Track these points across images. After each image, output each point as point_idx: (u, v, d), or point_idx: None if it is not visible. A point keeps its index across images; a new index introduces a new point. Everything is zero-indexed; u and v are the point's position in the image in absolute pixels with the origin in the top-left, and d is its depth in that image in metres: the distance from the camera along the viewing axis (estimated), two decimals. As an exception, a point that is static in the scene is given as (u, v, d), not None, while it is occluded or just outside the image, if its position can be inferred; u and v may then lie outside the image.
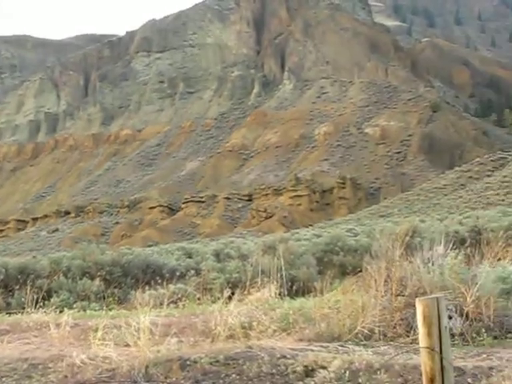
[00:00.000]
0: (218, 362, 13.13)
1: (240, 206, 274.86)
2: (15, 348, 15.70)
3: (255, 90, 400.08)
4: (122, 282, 31.77)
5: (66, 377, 13.06)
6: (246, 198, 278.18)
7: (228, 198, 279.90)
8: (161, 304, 18.71)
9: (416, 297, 10.24)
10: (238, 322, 15.28)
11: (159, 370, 12.81)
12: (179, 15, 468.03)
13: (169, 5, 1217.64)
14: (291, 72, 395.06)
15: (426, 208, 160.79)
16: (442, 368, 7.65)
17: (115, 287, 30.69)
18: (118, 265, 32.80)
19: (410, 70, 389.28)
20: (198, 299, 22.06)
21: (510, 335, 15.02)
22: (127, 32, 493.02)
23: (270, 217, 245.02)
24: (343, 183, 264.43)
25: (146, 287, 23.29)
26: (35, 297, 22.07)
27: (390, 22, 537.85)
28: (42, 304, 21.63)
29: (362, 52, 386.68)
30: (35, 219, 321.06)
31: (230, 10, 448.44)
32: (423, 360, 7.73)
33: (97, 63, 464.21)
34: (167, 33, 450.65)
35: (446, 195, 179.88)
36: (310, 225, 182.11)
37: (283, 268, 21.50)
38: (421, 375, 7.82)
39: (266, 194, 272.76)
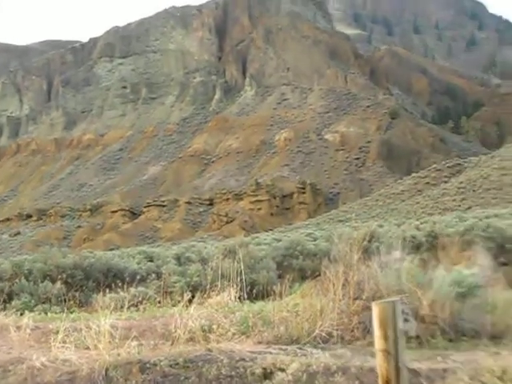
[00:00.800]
0: (177, 364, 13.19)
1: (201, 210, 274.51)
2: (-25, 351, 15.65)
3: (217, 96, 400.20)
4: (84, 285, 31.67)
5: (25, 379, 13.06)
6: (207, 203, 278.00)
7: (189, 203, 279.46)
8: (121, 307, 18.66)
9: (373, 300, 10.41)
10: (197, 325, 15.33)
11: (119, 372, 12.86)
12: (142, 22, 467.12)
13: (132, 13, 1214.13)
14: (252, 78, 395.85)
15: (384, 213, 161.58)
16: (398, 370, 7.77)
17: (76, 290, 30.57)
18: (80, 268, 32.70)
19: (369, 78, 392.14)
20: (159, 302, 22.02)
21: (464, 338, 15.24)
22: (91, 38, 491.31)
23: (231, 221, 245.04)
24: (303, 188, 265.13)
25: (107, 290, 23.21)
26: (-4, 299, 22.00)
27: (350, 30, 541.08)
28: (2, 307, 21.55)
29: (321, 59, 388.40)
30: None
31: (193, 16, 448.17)
32: (379, 362, 7.84)
33: (60, 68, 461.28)
34: (130, 39, 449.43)
35: (403, 201, 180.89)
36: (270, 229, 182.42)
37: (243, 272, 21.58)
38: (377, 377, 7.94)
39: (227, 199, 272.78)
